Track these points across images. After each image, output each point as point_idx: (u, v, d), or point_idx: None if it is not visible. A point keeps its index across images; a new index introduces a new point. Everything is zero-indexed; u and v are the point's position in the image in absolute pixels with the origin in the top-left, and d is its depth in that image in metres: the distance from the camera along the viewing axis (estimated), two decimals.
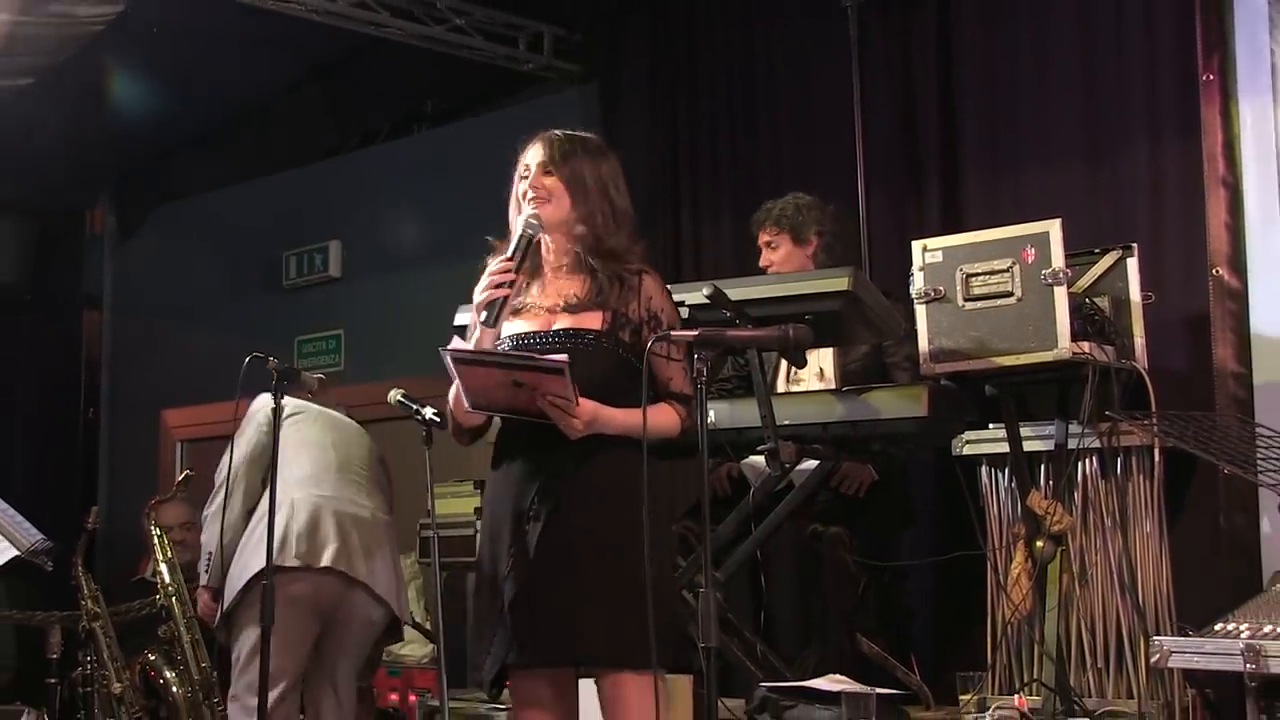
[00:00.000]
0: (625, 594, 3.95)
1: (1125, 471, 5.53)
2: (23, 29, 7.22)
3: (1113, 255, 5.46)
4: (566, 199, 4.22)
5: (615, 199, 4.24)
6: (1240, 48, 5.53)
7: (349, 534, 5.57)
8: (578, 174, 4.23)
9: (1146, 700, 5.29)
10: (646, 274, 4.18)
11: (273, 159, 9.06)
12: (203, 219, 9.34)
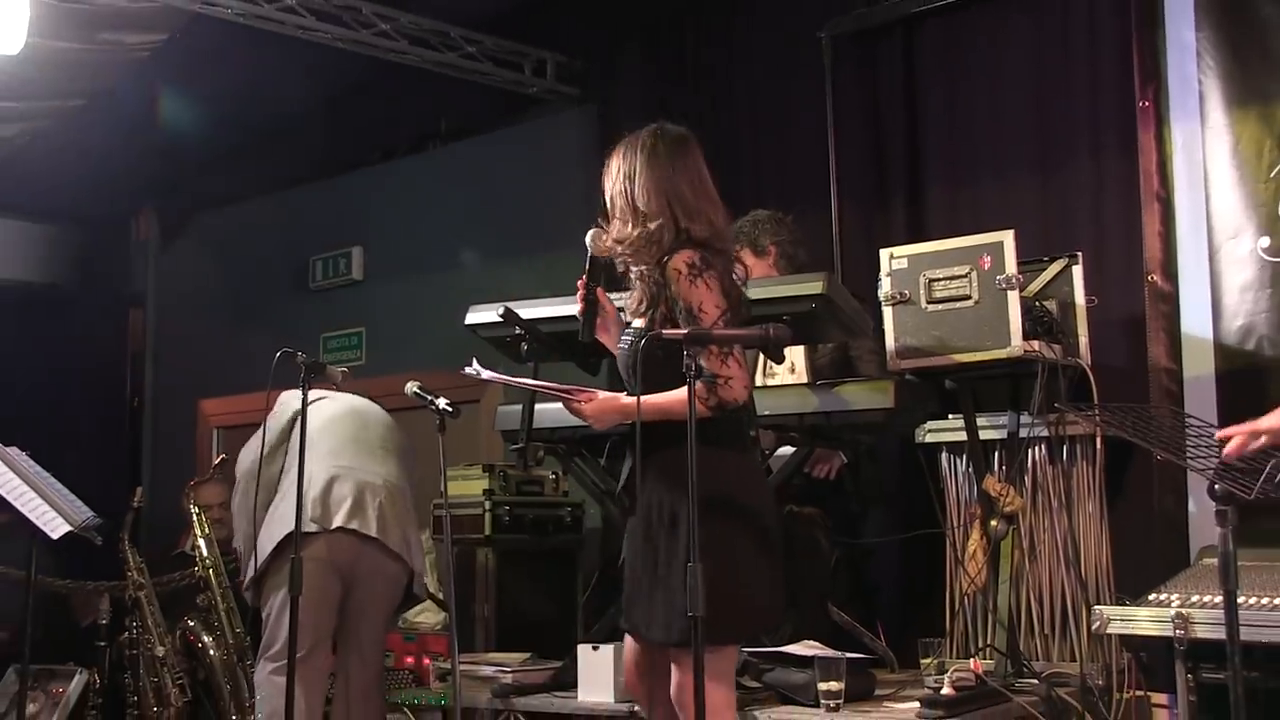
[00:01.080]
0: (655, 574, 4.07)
1: (1070, 458, 5.57)
2: (75, 55, 7.24)
3: (1060, 263, 5.48)
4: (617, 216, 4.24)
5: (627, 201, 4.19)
6: (1172, 78, 5.55)
7: (363, 496, 5.58)
8: (621, 183, 4.24)
9: (1088, 663, 5.34)
10: (667, 263, 4.10)
11: (301, 172, 9.05)
12: (237, 226, 9.33)
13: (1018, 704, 4.92)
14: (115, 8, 6.82)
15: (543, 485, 6.63)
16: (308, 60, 7.48)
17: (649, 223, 4.14)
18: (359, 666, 5.57)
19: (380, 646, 5.74)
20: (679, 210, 4.14)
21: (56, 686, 6.65)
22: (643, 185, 4.17)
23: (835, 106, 6.63)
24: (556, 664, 5.78)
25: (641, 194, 4.17)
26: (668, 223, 4.13)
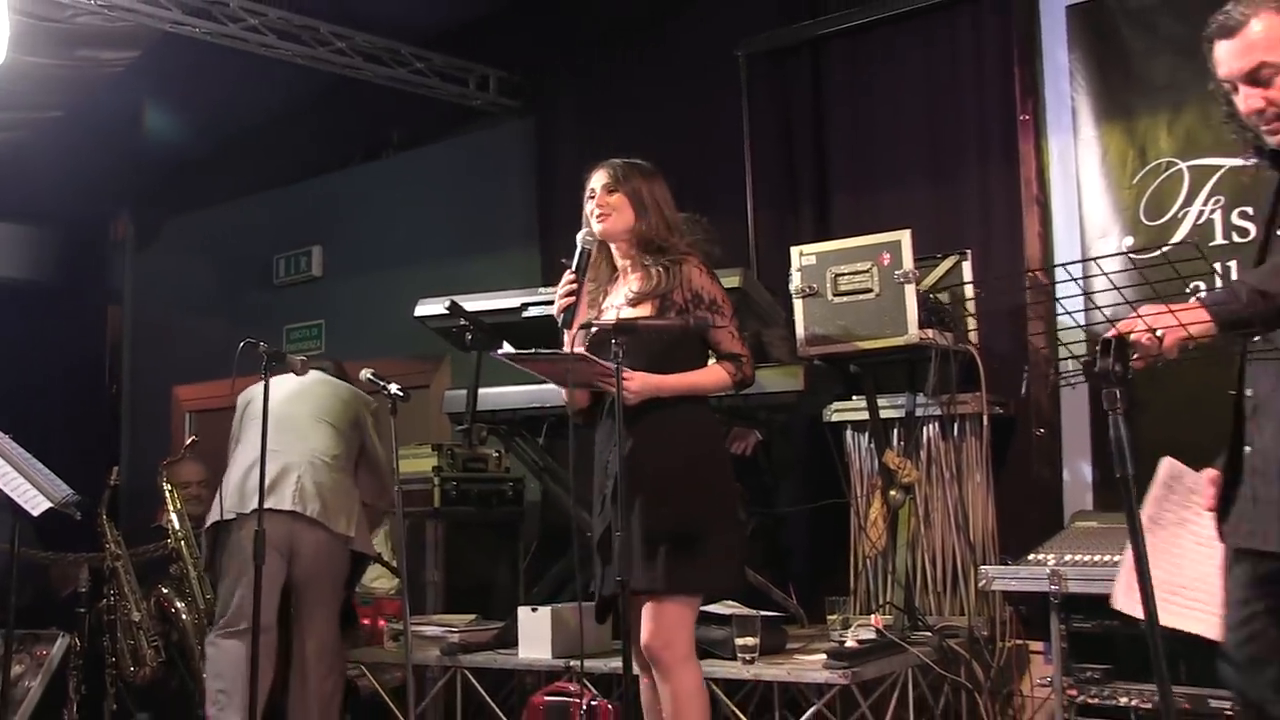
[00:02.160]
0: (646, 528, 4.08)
1: (960, 434, 5.61)
2: (55, 70, 7.19)
3: (951, 259, 5.58)
4: (629, 211, 4.29)
5: (665, 209, 4.31)
6: (1049, 95, 5.63)
7: (281, 476, 5.50)
8: (636, 190, 4.30)
9: (975, 616, 5.40)
10: (686, 261, 4.24)
11: (265, 178, 9.00)
12: (207, 228, 9.26)
13: (913, 654, 4.99)
14: (91, 26, 6.75)
15: (487, 462, 6.64)
16: (271, 76, 7.43)
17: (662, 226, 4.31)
18: (307, 632, 5.49)
19: (326, 612, 5.64)
20: (676, 222, 4.35)
21: (40, 649, 6.57)
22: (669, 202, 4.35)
23: (750, 119, 6.67)
24: (499, 624, 5.81)
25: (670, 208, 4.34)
26: (674, 228, 4.33)
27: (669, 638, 4.12)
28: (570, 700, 4.99)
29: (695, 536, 4.08)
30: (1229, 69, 2.93)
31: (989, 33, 6.00)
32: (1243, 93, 2.92)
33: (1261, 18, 2.87)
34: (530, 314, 5.67)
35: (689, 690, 4.12)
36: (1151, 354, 2.55)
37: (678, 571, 4.06)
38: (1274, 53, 2.85)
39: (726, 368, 4.17)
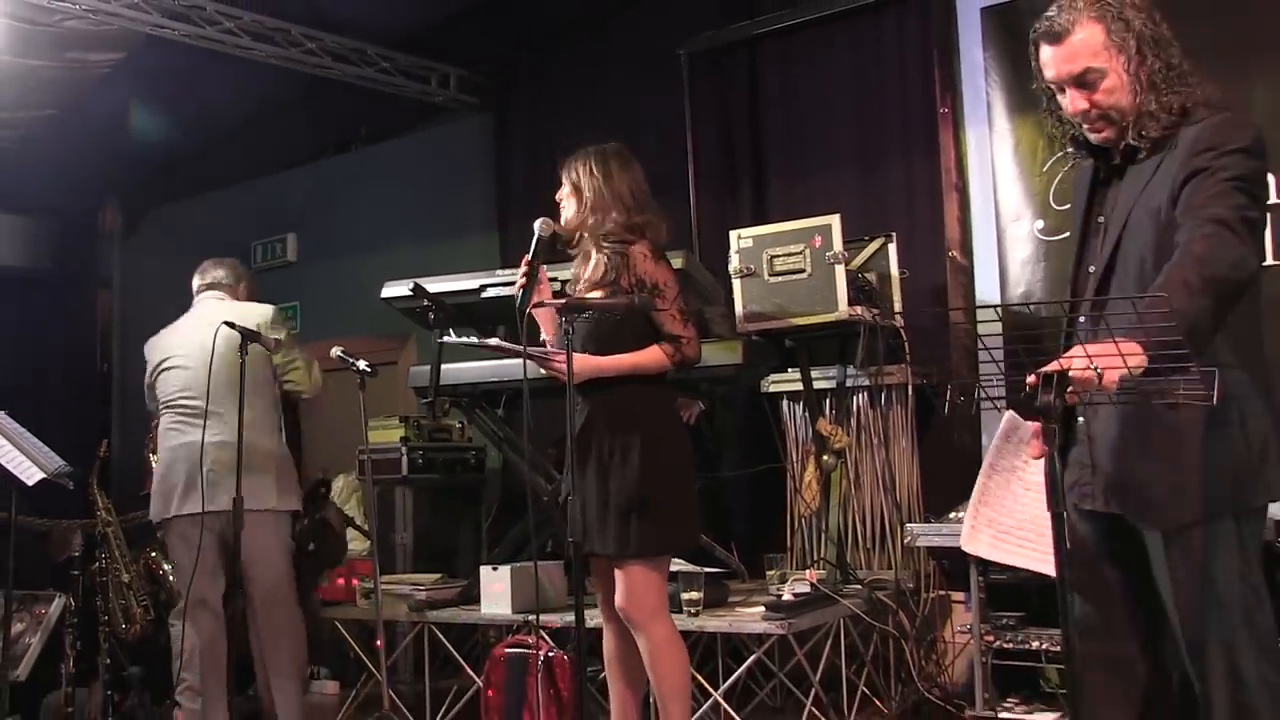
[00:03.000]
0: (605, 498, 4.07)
1: (887, 403, 5.66)
2: (45, 72, 7.13)
3: (878, 241, 5.55)
4: (573, 203, 4.24)
5: (615, 196, 4.19)
6: (966, 90, 5.63)
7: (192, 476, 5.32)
8: (576, 180, 4.24)
9: (901, 570, 5.46)
10: (633, 246, 4.15)
11: (243, 171, 8.93)
12: (189, 217, 9.19)
13: (845, 606, 5.02)
14: (79, 30, 6.69)
15: (450, 433, 6.63)
16: (246, 76, 7.37)
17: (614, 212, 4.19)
18: (259, 605, 5.27)
19: (273, 583, 5.41)
20: (627, 207, 4.20)
21: (39, 608, 6.56)
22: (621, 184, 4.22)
23: (692, 112, 6.66)
24: (463, 583, 5.81)
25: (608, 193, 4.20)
26: (630, 215, 4.19)
27: (637, 597, 4.11)
28: (529, 652, 4.98)
29: (653, 503, 4.04)
30: (1057, 72, 2.96)
31: (911, 33, 6.01)
32: (1069, 95, 2.95)
33: (1085, 26, 2.90)
34: (489, 294, 5.68)
35: (661, 642, 4.12)
36: (1091, 389, 2.47)
37: (638, 536, 4.04)
38: (1098, 59, 2.89)
39: (665, 349, 4.11)
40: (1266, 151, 2.84)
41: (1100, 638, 3.05)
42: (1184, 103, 2.89)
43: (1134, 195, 2.92)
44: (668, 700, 4.12)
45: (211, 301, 5.69)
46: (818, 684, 4.86)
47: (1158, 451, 2.87)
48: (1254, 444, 2.86)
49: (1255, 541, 2.90)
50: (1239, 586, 2.82)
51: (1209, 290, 2.58)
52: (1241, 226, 2.68)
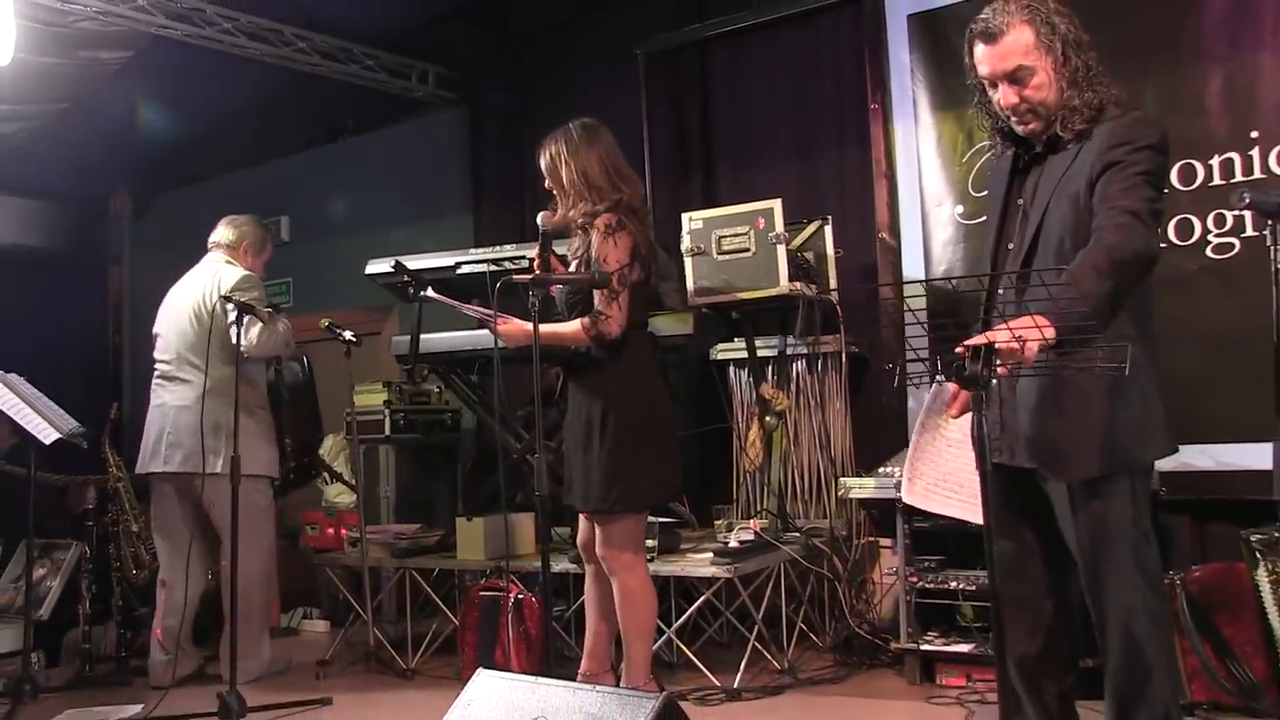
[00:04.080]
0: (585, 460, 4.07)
1: (823, 369, 5.62)
2: (59, 69, 7.05)
3: (815, 224, 5.54)
4: (562, 190, 4.17)
5: (585, 178, 4.09)
6: (894, 88, 5.57)
7: (160, 437, 5.37)
8: (551, 168, 4.17)
9: (835, 519, 5.45)
10: (591, 226, 4.08)
11: (241, 158, 8.84)
12: (192, 201, 9.03)
13: (785, 551, 5.03)
14: (90, 30, 6.60)
15: (429, 397, 6.57)
16: (243, 72, 7.28)
17: (575, 193, 4.12)
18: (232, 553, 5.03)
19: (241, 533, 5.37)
20: (594, 183, 4.10)
21: (58, 555, 6.60)
22: (575, 170, 4.11)
23: (648, 106, 6.59)
24: (440, 532, 5.81)
25: (573, 176, 4.11)
26: (588, 193, 4.09)
27: (614, 549, 4.13)
28: (500, 594, 4.97)
29: (629, 462, 4.03)
30: (991, 69, 3.00)
31: (845, 36, 5.97)
32: (1002, 90, 3.00)
33: (1017, 28, 2.95)
34: (463, 271, 5.70)
35: (634, 589, 4.14)
36: (1015, 360, 2.50)
37: (614, 494, 4.03)
38: (1028, 58, 2.94)
39: (584, 322, 4.02)
40: (1170, 148, 2.91)
41: (1012, 578, 3.11)
42: (1101, 100, 2.95)
43: (1054, 182, 2.97)
44: (633, 639, 4.16)
45: (205, 264, 5.62)
46: (760, 621, 4.87)
47: (1065, 413, 2.93)
48: (1147, 408, 2.94)
49: (1145, 492, 2.97)
50: (1131, 531, 2.91)
51: (1116, 274, 2.64)
52: (1149, 218, 2.76)
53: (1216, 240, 4.68)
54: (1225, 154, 4.68)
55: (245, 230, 5.71)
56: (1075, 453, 2.91)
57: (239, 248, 5.67)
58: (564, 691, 2.85)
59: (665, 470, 4.16)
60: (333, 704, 4.87)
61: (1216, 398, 4.47)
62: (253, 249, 5.71)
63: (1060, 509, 2.98)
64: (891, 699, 4.52)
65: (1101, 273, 2.63)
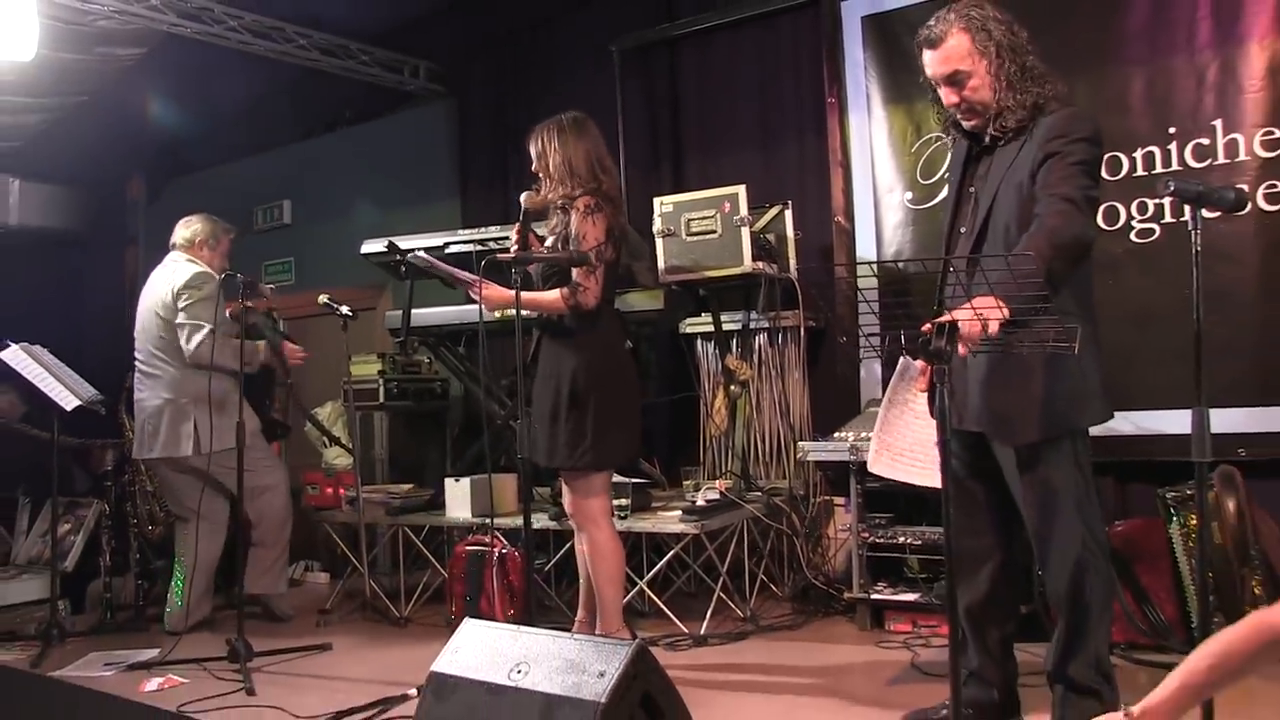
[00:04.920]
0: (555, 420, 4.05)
1: (783, 342, 5.61)
2: (79, 63, 6.99)
3: (777, 208, 5.53)
4: (544, 180, 4.16)
5: (568, 164, 4.08)
6: (850, 83, 5.55)
7: (142, 427, 5.42)
8: (540, 152, 4.16)
9: (794, 480, 5.46)
10: (571, 207, 4.08)
11: (247, 147, 8.77)
12: (202, 186, 8.98)
13: (748, 509, 5.05)
14: (108, 28, 6.55)
15: (420, 367, 6.56)
16: (249, 67, 7.23)
17: (558, 177, 4.11)
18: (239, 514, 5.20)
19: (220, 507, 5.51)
20: (575, 172, 4.09)
21: (80, 512, 6.66)
22: (560, 157, 4.11)
23: (622, 99, 6.54)
24: (430, 492, 5.80)
25: (559, 162, 4.11)
26: (570, 178, 4.09)
27: (580, 504, 4.14)
28: (485, 549, 4.98)
29: (593, 425, 4.03)
30: (934, 72, 3.09)
31: (804, 35, 5.93)
32: (943, 90, 3.08)
33: (954, 35, 3.03)
34: (451, 250, 5.67)
35: (601, 542, 4.15)
36: (977, 338, 2.52)
37: (579, 454, 4.03)
38: (965, 62, 3.02)
39: (563, 292, 4.02)
40: (1103, 140, 2.97)
41: (964, 534, 3.19)
42: (1037, 98, 3.00)
43: (1001, 172, 3.02)
44: (604, 588, 4.17)
45: (166, 264, 5.62)
46: (725, 573, 4.89)
47: (1013, 383, 2.97)
48: (1084, 377, 2.99)
49: (1085, 454, 3.02)
50: (1073, 490, 2.97)
51: (1056, 256, 2.69)
52: (1085, 205, 2.82)
53: (1140, 226, 4.72)
54: (1147, 148, 4.73)
55: (198, 228, 5.67)
56: (1019, 419, 2.96)
57: (194, 244, 5.63)
58: (544, 639, 2.85)
59: (629, 432, 4.16)
60: (332, 649, 4.87)
61: (1138, 369, 4.51)
62: (207, 244, 5.66)
63: (1008, 471, 3.04)
64: (844, 643, 4.54)
65: (1043, 255, 2.66)
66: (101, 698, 4.24)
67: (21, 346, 5.31)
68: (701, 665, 4.27)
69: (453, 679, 2.88)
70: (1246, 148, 4.51)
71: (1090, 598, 2.95)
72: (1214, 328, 2.52)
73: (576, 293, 4.00)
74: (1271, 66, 4.48)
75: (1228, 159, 4.54)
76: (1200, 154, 4.60)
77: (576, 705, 2.61)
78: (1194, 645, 3.88)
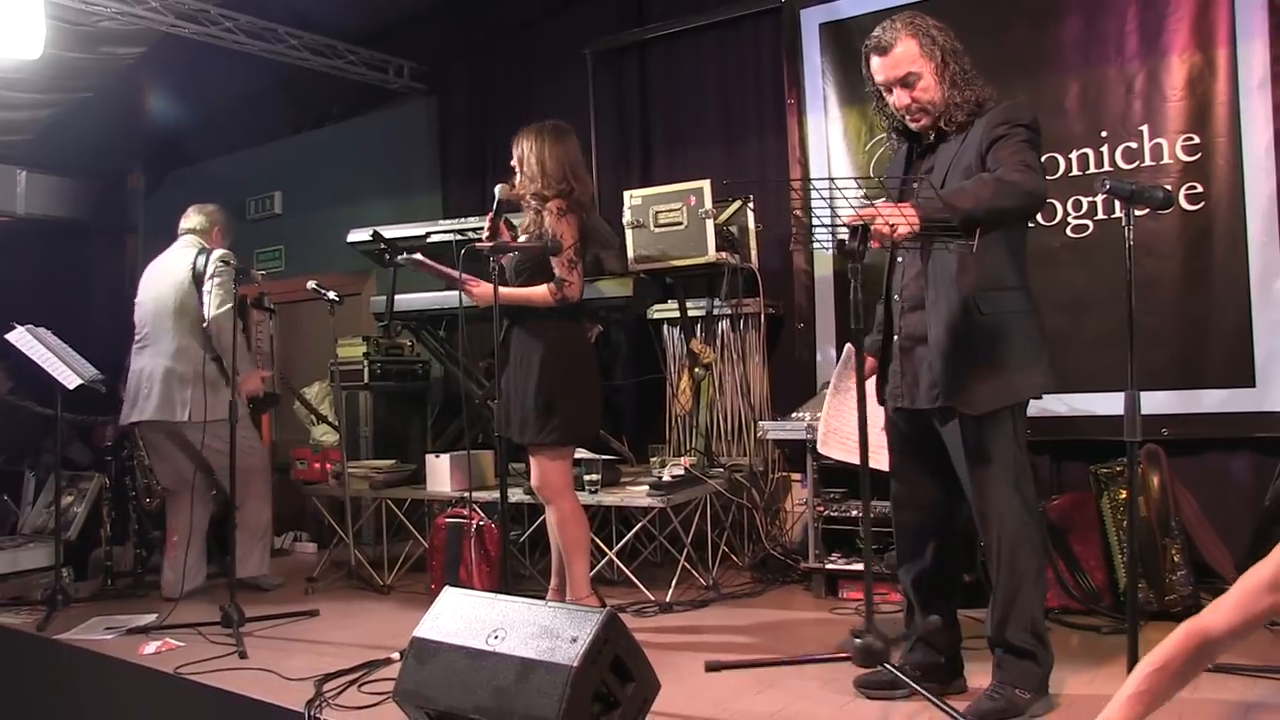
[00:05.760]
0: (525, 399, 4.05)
1: (745, 328, 5.61)
2: (80, 62, 6.90)
3: (739, 202, 5.52)
4: (521, 173, 4.17)
5: (545, 166, 4.10)
6: (808, 86, 5.55)
7: (137, 389, 5.29)
8: (521, 153, 4.17)
9: (754, 457, 5.47)
10: (546, 206, 4.09)
11: (240, 141, 8.68)
12: (199, 177, 8.88)
13: (710, 485, 5.04)
14: (110, 29, 6.48)
15: (403, 350, 6.52)
16: (242, 65, 7.14)
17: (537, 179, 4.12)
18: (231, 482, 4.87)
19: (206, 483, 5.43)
20: (548, 174, 4.11)
21: (83, 485, 6.61)
22: (534, 158, 4.13)
23: (595, 98, 6.52)
24: (412, 467, 5.78)
25: (533, 162, 4.13)
26: (542, 179, 4.11)
27: (546, 479, 4.14)
28: (464, 521, 4.96)
29: (557, 405, 4.05)
30: (885, 76, 3.12)
31: (765, 40, 5.93)
32: (896, 93, 3.11)
33: (903, 41, 3.08)
34: (433, 239, 5.64)
35: (566, 513, 4.16)
36: (886, 239, 2.67)
37: (545, 431, 4.05)
38: (915, 65, 3.06)
39: (550, 287, 4.04)
40: (1041, 129, 3.03)
41: (910, 508, 3.24)
42: (978, 97, 3.07)
43: (948, 162, 3.06)
44: (572, 556, 4.18)
45: (181, 247, 5.52)
46: (689, 545, 4.90)
47: (964, 357, 3.00)
48: (1028, 351, 3.02)
49: (1023, 427, 3.05)
50: (1012, 465, 2.99)
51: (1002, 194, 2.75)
52: (1039, 172, 2.89)
53: (1075, 222, 4.77)
54: (1081, 149, 4.78)
55: (215, 217, 5.62)
56: (961, 392, 2.99)
57: (210, 232, 5.57)
58: (520, 606, 2.84)
59: (591, 411, 4.21)
60: (320, 615, 4.84)
61: (1072, 354, 4.55)
62: (222, 232, 5.61)
63: (952, 446, 3.06)
64: (801, 610, 4.56)
65: (987, 186, 2.76)
66: (103, 659, 4.22)
67: (27, 328, 5.25)
68: (667, 630, 4.27)
69: (434, 644, 2.87)
70: (1170, 152, 4.58)
71: (1026, 567, 2.98)
72: (1141, 316, 2.54)
73: (563, 287, 4.05)
74: (1190, 78, 4.56)
75: (1153, 161, 4.61)
76: (1129, 156, 4.65)
77: (551, 669, 2.61)
78: (1121, 609, 3.97)
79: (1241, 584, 1.98)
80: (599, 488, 4.88)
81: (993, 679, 3.04)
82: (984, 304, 2.97)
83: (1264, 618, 1.97)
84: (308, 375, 6.87)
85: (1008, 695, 2.97)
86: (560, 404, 4.04)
